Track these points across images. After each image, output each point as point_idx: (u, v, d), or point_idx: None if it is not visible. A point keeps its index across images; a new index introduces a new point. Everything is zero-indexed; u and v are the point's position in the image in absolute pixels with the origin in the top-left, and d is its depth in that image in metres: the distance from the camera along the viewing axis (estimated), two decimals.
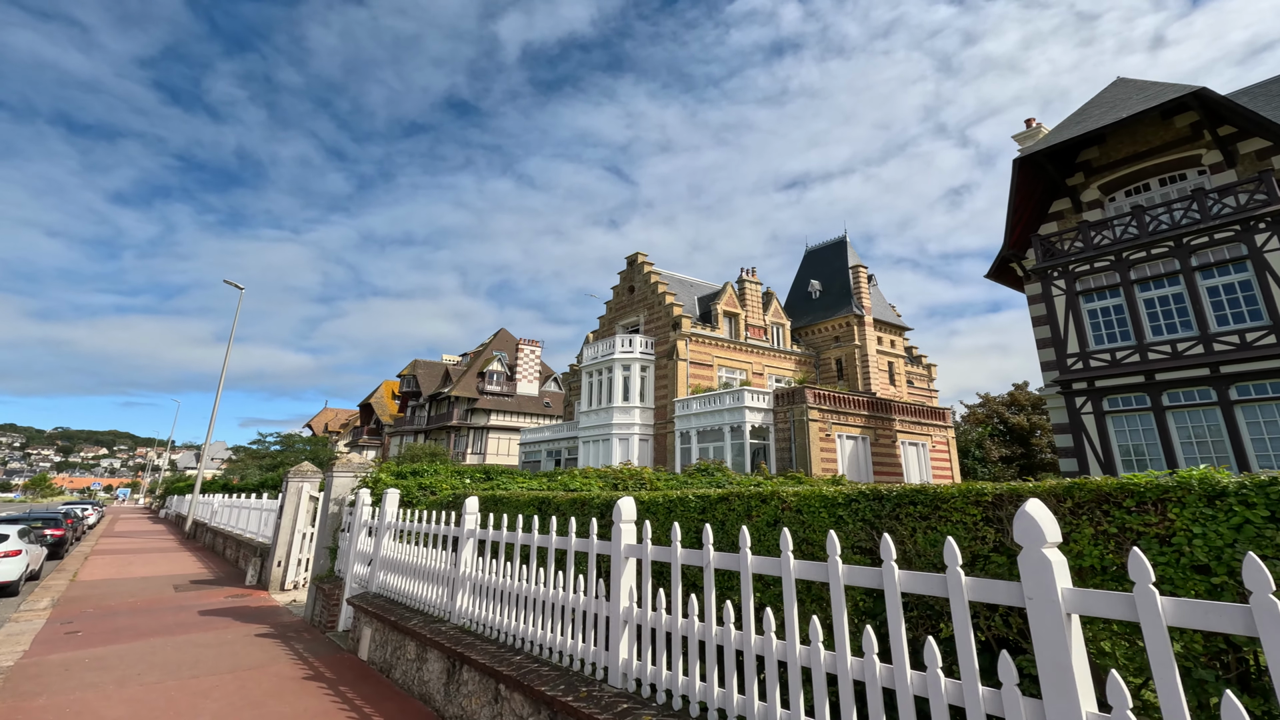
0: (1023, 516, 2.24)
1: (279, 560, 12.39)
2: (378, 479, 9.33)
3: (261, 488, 32.49)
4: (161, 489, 65.97)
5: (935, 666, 2.48)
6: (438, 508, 8.20)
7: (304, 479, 12.94)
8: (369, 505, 8.82)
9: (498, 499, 6.92)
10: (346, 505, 9.48)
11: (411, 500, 9.00)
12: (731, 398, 25.25)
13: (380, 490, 9.18)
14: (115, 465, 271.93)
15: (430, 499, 8.74)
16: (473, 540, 6.08)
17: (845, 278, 36.74)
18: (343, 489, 9.69)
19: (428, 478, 9.58)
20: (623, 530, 4.35)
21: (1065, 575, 2.19)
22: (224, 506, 22.10)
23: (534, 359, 60.20)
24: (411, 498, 9.05)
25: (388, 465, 10.04)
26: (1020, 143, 21.53)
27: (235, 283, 29.97)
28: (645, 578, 4.06)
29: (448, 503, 7.98)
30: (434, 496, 8.82)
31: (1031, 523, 2.22)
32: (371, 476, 9.36)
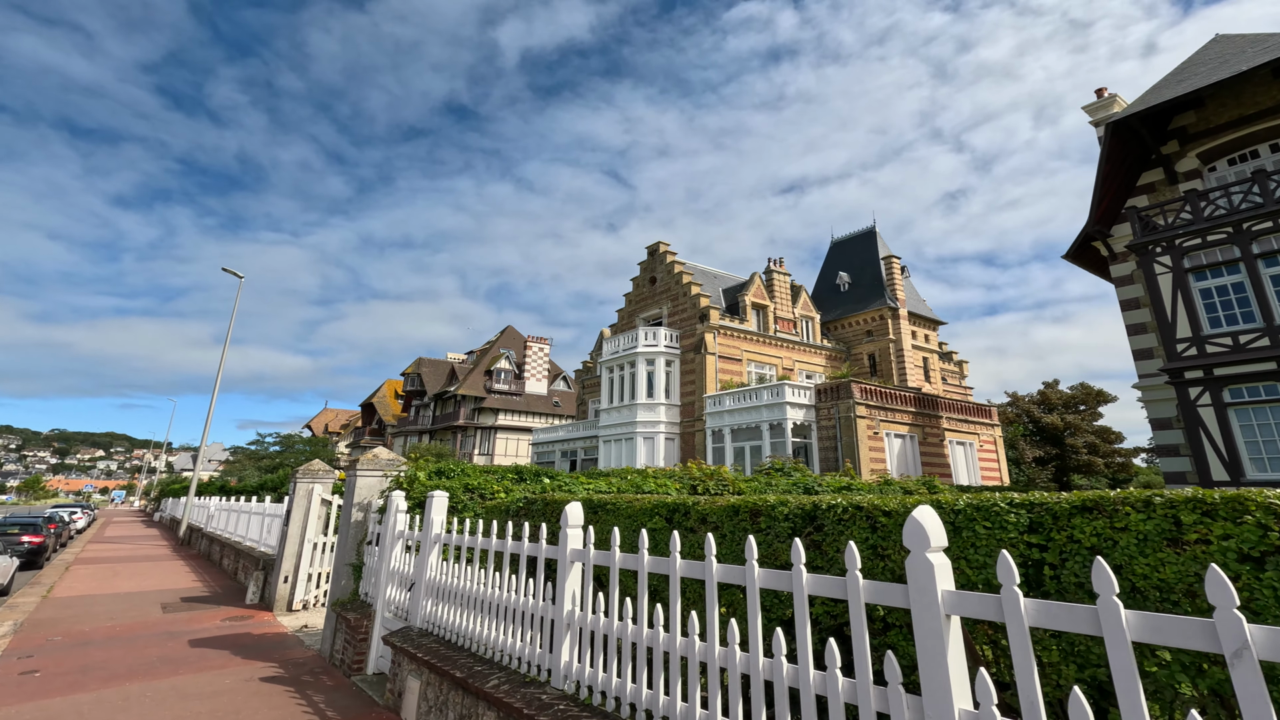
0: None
1: (286, 575, 10.52)
2: (414, 478, 7.48)
3: (261, 490, 30.57)
4: (156, 491, 63.99)
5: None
6: (502, 516, 6.35)
7: (315, 479, 11.08)
8: (404, 512, 6.97)
9: (600, 505, 5.07)
10: (373, 512, 7.63)
11: (458, 506, 7.16)
12: (770, 393, 23.41)
13: (419, 493, 7.32)
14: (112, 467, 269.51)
15: (484, 505, 6.89)
16: (581, 566, 4.23)
17: (876, 269, 34.95)
18: (368, 491, 7.83)
19: (473, 478, 7.73)
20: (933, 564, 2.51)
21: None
22: (221, 510, 20.20)
23: (543, 357, 58.34)
24: (457, 502, 7.20)
25: (424, 462, 8.18)
26: (1091, 114, 19.75)
27: (234, 271, 28.12)
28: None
29: (518, 510, 6.12)
30: (488, 502, 6.97)
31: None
32: (406, 475, 7.50)
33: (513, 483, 7.96)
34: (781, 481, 10.83)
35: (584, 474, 9.36)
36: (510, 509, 6.15)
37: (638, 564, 3.67)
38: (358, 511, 7.68)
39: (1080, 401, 42.45)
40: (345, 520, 7.82)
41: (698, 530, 4.12)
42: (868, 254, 36.15)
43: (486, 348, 61.76)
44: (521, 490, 7.68)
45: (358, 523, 7.66)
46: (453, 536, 5.66)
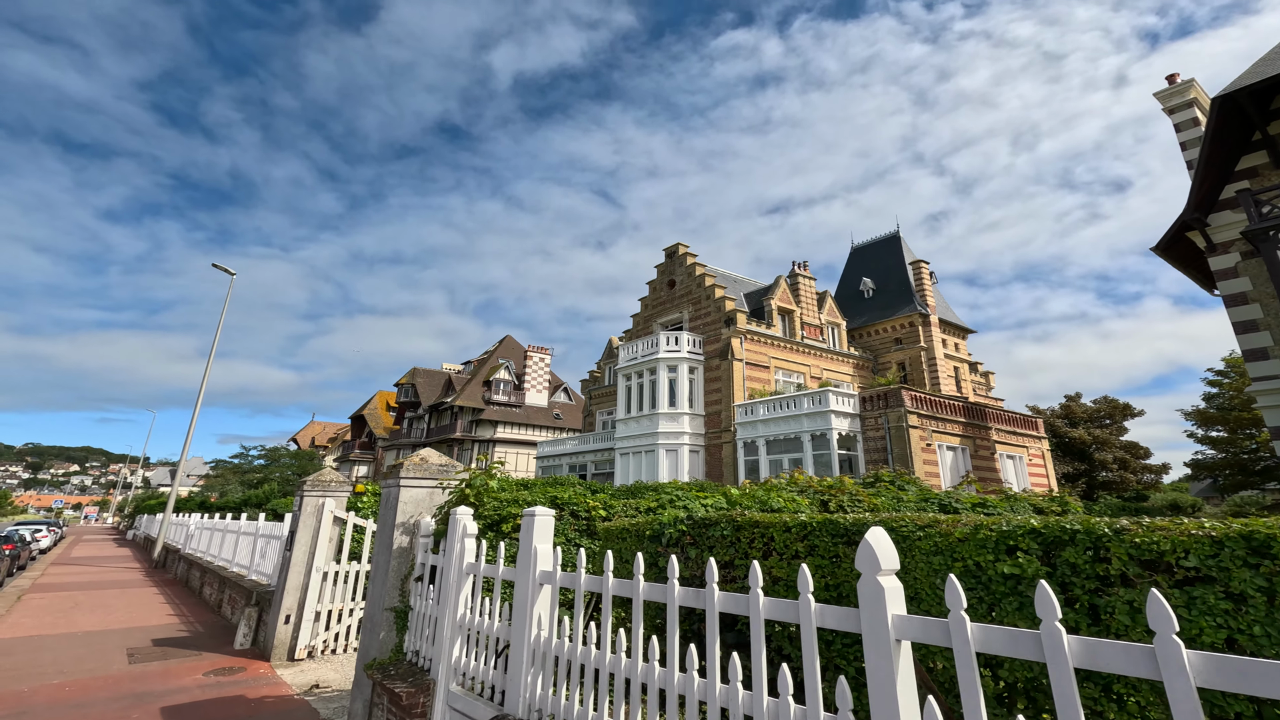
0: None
1: (287, 614, 8.34)
2: (482, 490, 5.43)
3: (244, 506, 28.08)
4: (131, 508, 60.60)
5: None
6: (636, 543, 4.32)
7: (326, 493, 8.94)
8: (473, 536, 4.93)
9: (903, 535, 3.07)
10: (422, 536, 5.57)
11: (590, 532, 5.16)
12: (811, 400, 21.51)
13: (491, 510, 5.28)
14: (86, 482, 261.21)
15: (607, 526, 4.86)
16: (907, 653, 2.24)
17: (902, 274, 33.42)
18: (415, 507, 5.76)
19: (564, 490, 5.71)
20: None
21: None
22: (202, 529, 17.83)
23: (543, 367, 56.19)
24: None
25: (494, 466, 6.13)
26: (1164, 101, 18.35)
27: (226, 267, 25.90)
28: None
29: (675, 537, 4.08)
30: (608, 523, 4.95)
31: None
32: (472, 486, 5.45)
33: (623, 498, 5.96)
34: (889, 492, 8.93)
35: (663, 487, 7.36)
36: (654, 534, 4.12)
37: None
38: (401, 535, 5.60)
39: (1106, 415, 41.06)
40: (382, 547, 5.74)
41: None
42: (892, 259, 34.65)
43: (484, 358, 59.49)
44: (622, 505, 5.67)
45: (400, 550, 5.58)
46: (580, 578, 3.62)
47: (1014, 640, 1.91)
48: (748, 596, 2.72)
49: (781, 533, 3.29)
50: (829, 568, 3.08)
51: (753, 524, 3.44)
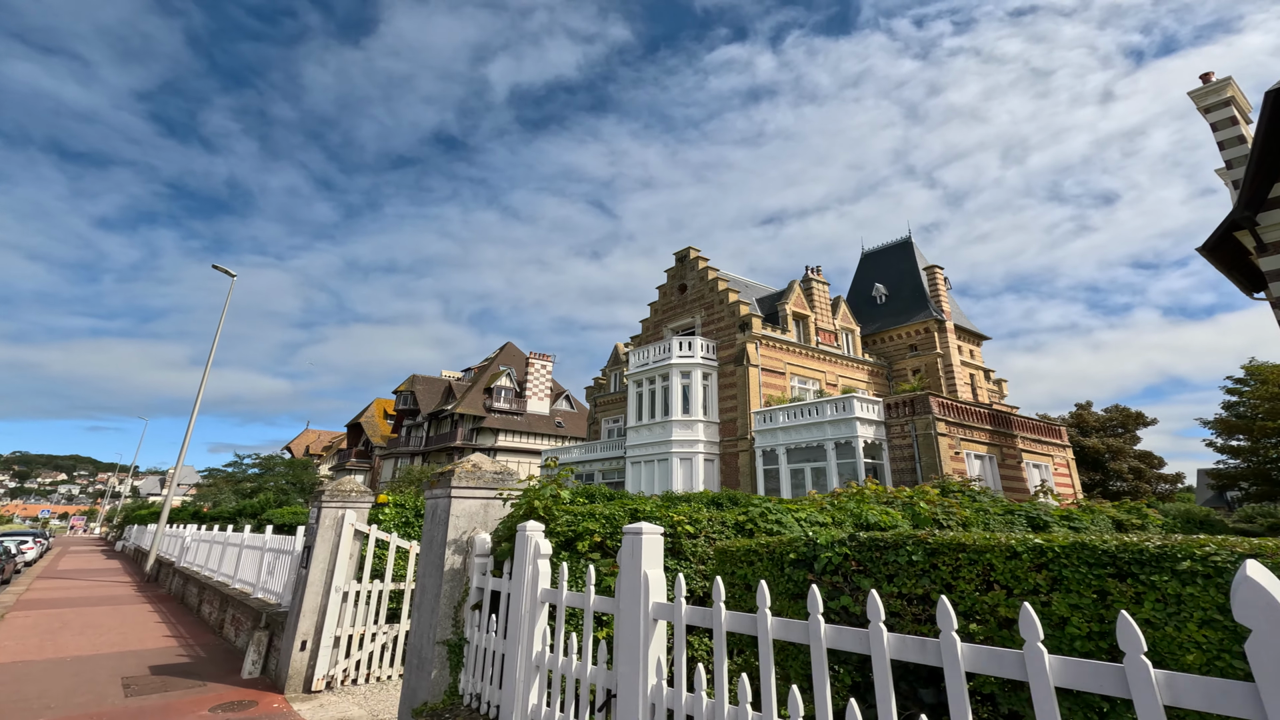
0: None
1: (303, 639, 7.47)
2: (552, 502, 4.64)
3: (239, 516, 27.05)
4: (120, 517, 59.14)
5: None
6: (768, 568, 3.51)
7: (346, 503, 8.10)
8: (546, 556, 4.14)
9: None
10: (477, 555, 4.76)
11: (676, 552, 4.36)
12: (835, 408, 20.77)
13: (564, 526, 4.48)
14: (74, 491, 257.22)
15: (721, 546, 4.05)
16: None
17: (915, 280, 32.86)
18: (468, 522, 4.94)
19: (642, 502, 4.92)
20: None
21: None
22: (199, 541, 16.87)
23: (545, 375, 55.33)
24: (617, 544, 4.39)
25: (566, 473, 5.32)
26: (1199, 100, 17.81)
27: (226, 269, 25.03)
28: None
29: (834, 564, 3.29)
30: (719, 544, 4.16)
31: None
32: (541, 496, 4.66)
33: (694, 511, 5.17)
34: (981, 505, 8.17)
35: (754, 502, 6.59)
36: (801, 558, 3.31)
37: None
38: (453, 555, 4.78)
39: (1118, 425, 40.55)
40: (429, 569, 4.92)
41: None
42: (905, 265, 34.10)
43: (485, 365, 58.59)
44: (707, 519, 4.88)
45: (452, 573, 4.76)
46: (721, 614, 2.83)
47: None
48: (1021, 654, 1.94)
49: (1005, 559, 2.51)
50: (1090, 608, 2.31)
51: (955, 547, 2.66)
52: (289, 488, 51.25)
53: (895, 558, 2.82)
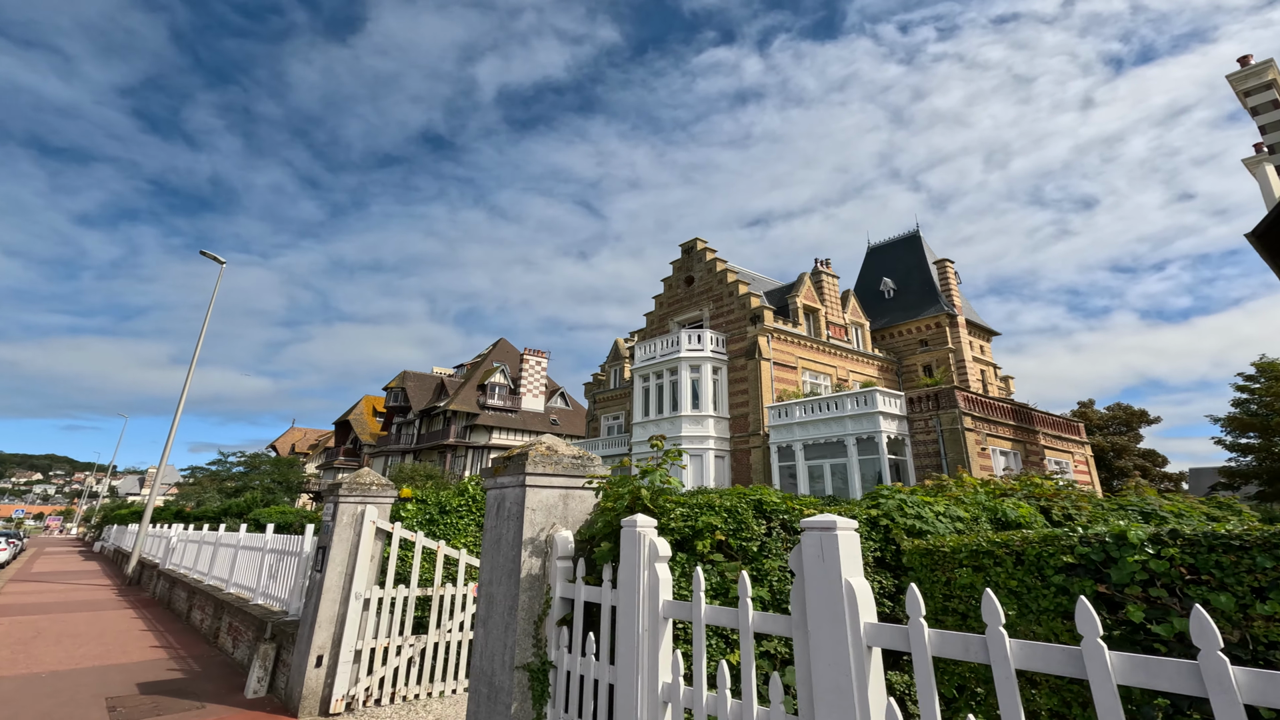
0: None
1: (319, 653, 6.49)
2: (656, 493, 3.72)
3: (224, 516, 25.81)
4: (98, 517, 57.17)
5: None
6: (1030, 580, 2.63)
7: (366, 498, 7.12)
8: (664, 560, 3.24)
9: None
10: (558, 558, 3.84)
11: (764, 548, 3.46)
12: (856, 401, 20.02)
13: (679, 521, 3.57)
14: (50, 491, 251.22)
15: (918, 544, 3.16)
16: None
17: (925, 274, 32.27)
18: (545, 516, 3.99)
19: (766, 492, 4.02)
20: None
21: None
22: (186, 542, 15.72)
23: (540, 371, 54.25)
24: (744, 543, 3.50)
25: (671, 456, 4.39)
26: (1238, 84, 17.33)
27: (215, 255, 23.77)
28: None
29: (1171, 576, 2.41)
30: (916, 540, 3.28)
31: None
32: (650, 487, 3.75)
33: (822, 503, 4.29)
34: (1108, 503, 7.43)
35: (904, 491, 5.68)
36: (1080, 563, 2.42)
37: None
38: (530, 557, 3.85)
39: (1122, 423, 40.31)
40: (500, 575, 3.99)
41: None
42: (913, 258, 33.51)
43: (478, 361, 57.36)
44: (848, 509, 4.01)
45: (530, 580, 3.82)
46: (1007, 643, 1.95)
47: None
48: None
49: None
50: None
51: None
52: (275, 487, 49.72)
53: (1264, 563, 1.95)
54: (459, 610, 7.19)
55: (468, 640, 7.17)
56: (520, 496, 4.02)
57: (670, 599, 3.21)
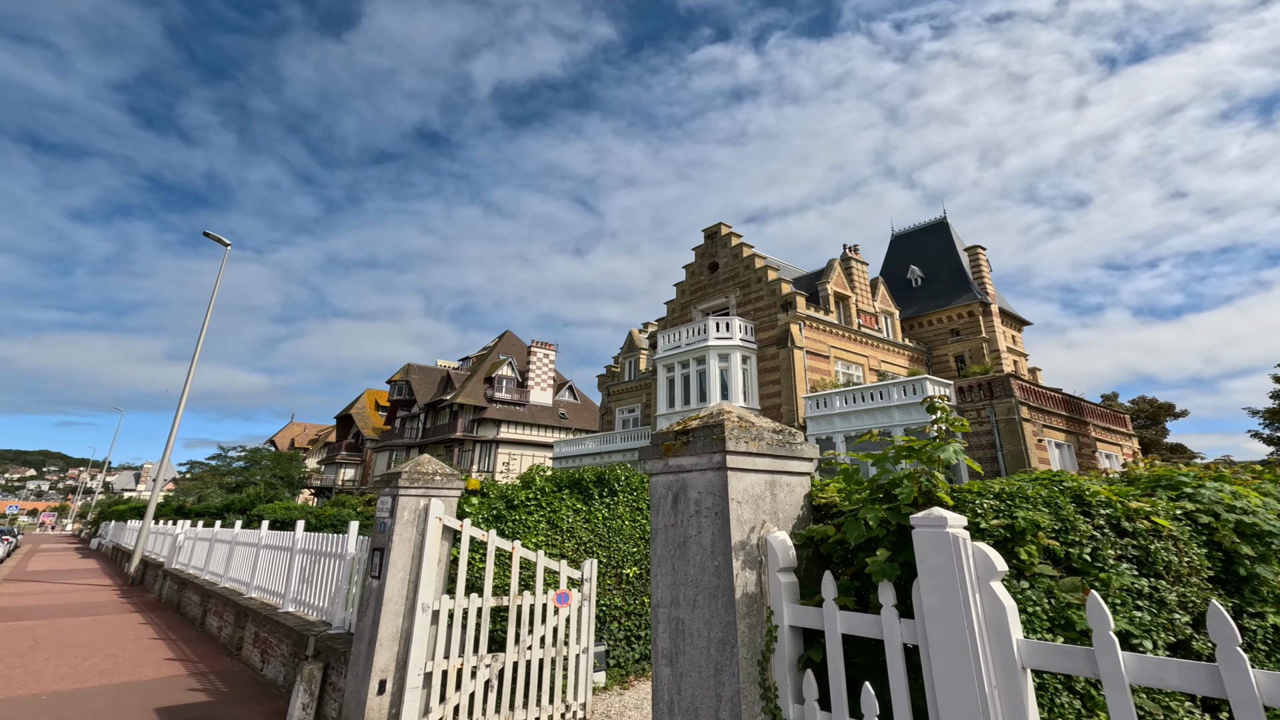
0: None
1: (381, 677, 5.37)
2: (938, 481, 2.61)
3: (226, 512, 24.68)
4: (95, 514, 55.86)
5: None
6: None
7: (430, 490, 5.97)
8: (1000, 574, 2.10)
9: None
10: (777, 570, 2.71)
11: (1143, 563, 2.33)
12: (903, 390, 18.94)
13: (979, 512, 2.45)
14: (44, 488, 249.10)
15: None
16: None
17: (954, 262, 31.19)
18: (753, 512, 2.87)
19: (1091, 483, 2.89)
20: None
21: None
22: (196, 540, 14.57)
23: (548, 364, 53.08)
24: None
25: (954, 422, 3.26)
26: None
27: (219, 237, 22.52)
28: None
29: None
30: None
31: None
32: (936, 472, 2.63)
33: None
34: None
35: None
36: None
37: None
38: (744, 569, 2.72)
39: (1148, 416, 39.41)
40: (691, 594, 2.85)
41: None
42: (941, 246, 32.42)
43: (484, 354, 56.14)
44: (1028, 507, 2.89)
45: (747, 602, 2.69)
46: None
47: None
48: None
49: None
50: None
51: None
52: (277, 482, 48.51)
53: None
54: (538, 622, 6.06)
55: (549, 658, 6.05)
56: (717, 484, 2.88)
57: (1023, 638, 2.09)
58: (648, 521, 8.00)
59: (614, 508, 7.78)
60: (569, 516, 7.29)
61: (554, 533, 7.11)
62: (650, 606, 3.04)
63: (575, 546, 7.21)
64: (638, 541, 7.80)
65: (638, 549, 7.75)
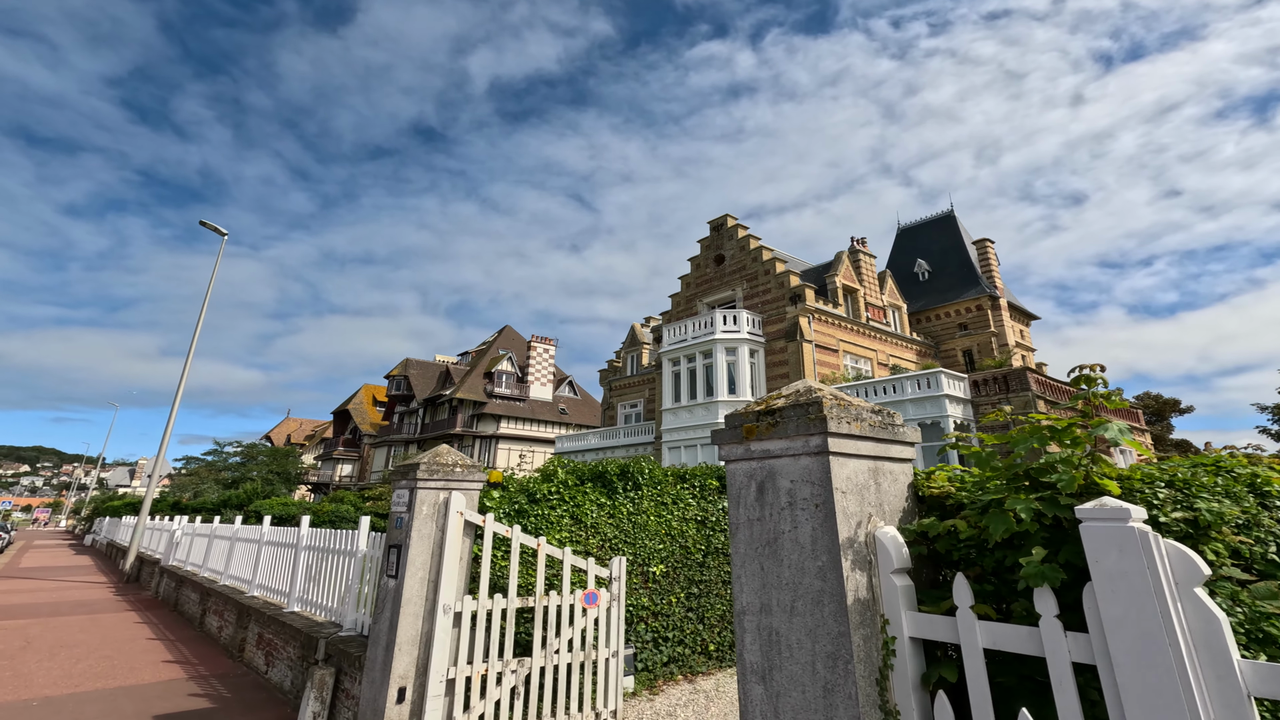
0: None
1: (400, 684, 4.96)
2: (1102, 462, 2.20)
3: (223, 508, 24.22)
4: (89, 509, 55.24)
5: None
6: None
7: (450, 482, 5.56)
8: (1200, 577, 1.69)
9: None
10: (890, 573, 2.30)
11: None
12: (917, 384, 18.58)
13: (1157, 502, 2.04)
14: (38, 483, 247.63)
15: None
16: None
17: (962, 255, 30.84)
18: (859, 500, 2.47)
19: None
20: None
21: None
22: (194, 536, 14.12)
23: (548, 359, 52.65)
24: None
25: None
26: None
27: (216, 227, 21.99)
28: None
29: None
30: None
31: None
32: (1098, 456, 2.22)
33: None
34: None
35: None
36: None
37: None
38: (854, 570, 2.31)
39: (1153, 412, 39.19)
40: (789, 596, 2.44)
41: None
42: (948, 240, 32.05)
43: (483, 349, 55.65)
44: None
45: (859, 609, 2.29)
46: None
47: None
48: None
49: None
50: None
51: None
52: (273, 478, 48.00)
53: None
54: (565, 625, 5.66)
55: (578, 663, 5.65)
56: (816, 471, 2.46)
57: (1242, 658, 1.69)
58: (672, 516, 7.60)
59: (638, 502, 7.37)
60: (593, 511, 6.88)
61: (577, 528, 6.70)
62: (734, 614, 2.61)
63: (600, 543, 6.81)
64: (664, 538, 7.40)
65: (664, 546, 7.35)
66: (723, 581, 7.82)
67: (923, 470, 2.92)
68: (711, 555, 7.79)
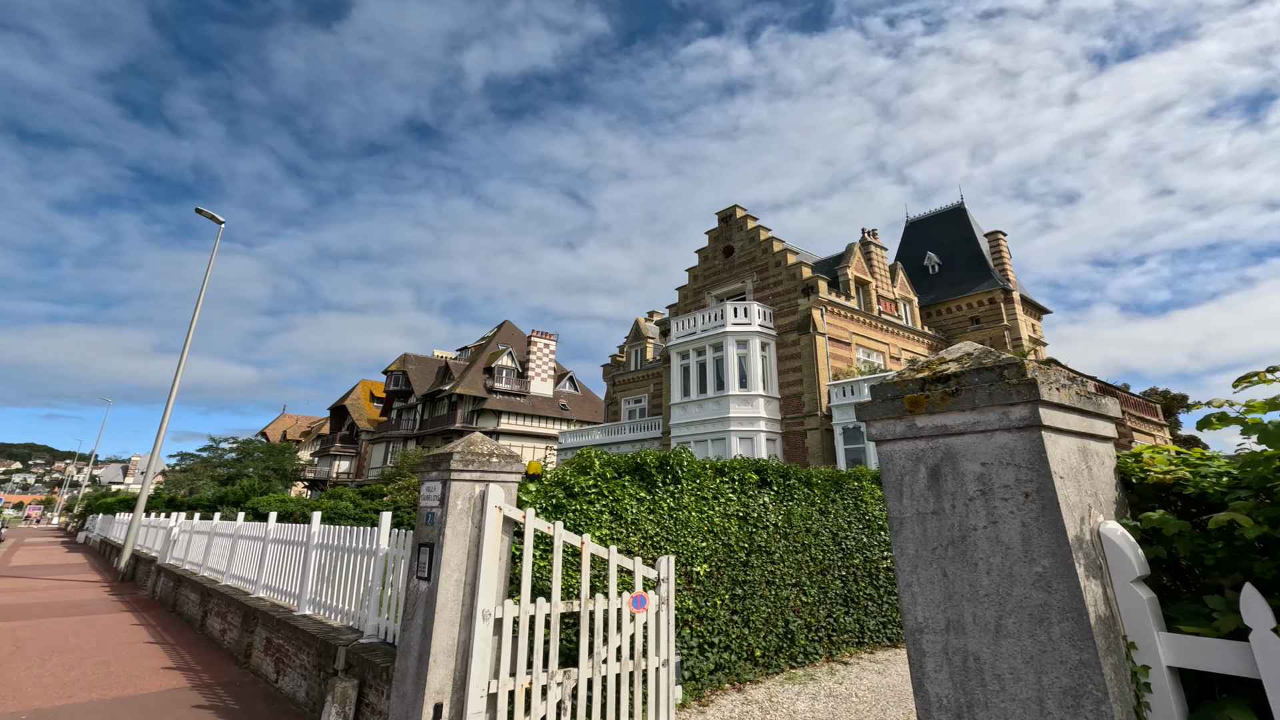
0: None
1: (437, 699, 4.41)
2: None
3: (220, 504, 23.62)
4: (81, 506, 54.41)
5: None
6: None
7: (486, 474, 5.00)
8: None
9: None
10: (1132, 580, 1.76)
11: None
12: None
13: None
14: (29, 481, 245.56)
15: None
16: None
17: (973, 248, 30.38)
18: (1077, 488, 1.96)
19: None
20: None
21: None
22: (193, 533, 13.51)
23: (548, 354, 52.02)
24: None
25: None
26: None
27: (213, 214, 21.32)
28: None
29: None
30: None
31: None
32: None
33: None
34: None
35: None
36: None
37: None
38: (1088, 577, 1.78)
39: (1163, 408, 38.90)
40: (995, 610, 1.92)
41: None
42: (959, 232, 31.58)
43: (482, 344, 54.97)
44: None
45: (1102, 628, 1.76)
46: None
47: None
48: None
49: None
50: None
51: None
52: (270, 474, 47.31)
53: None
54: (613, 631, 5.12)
55: (626, 673, 5.11)
56: (1022, 450, 1.93)
57: None
58: (714, 511, 7.07)
59: (679, 496, 6.84)
60: (633, 506, 6.34)
61: (618, 525, 6.16)
62: (905, 631, 2.06)
63: (641, 540, 6.27)
64: (706, 535, 6.86)
65: (706, 543, 6.82)
66: (766, 582, 7.30)
67: (1123, 453, 2.40)
68: (755, 554, 7.27)
